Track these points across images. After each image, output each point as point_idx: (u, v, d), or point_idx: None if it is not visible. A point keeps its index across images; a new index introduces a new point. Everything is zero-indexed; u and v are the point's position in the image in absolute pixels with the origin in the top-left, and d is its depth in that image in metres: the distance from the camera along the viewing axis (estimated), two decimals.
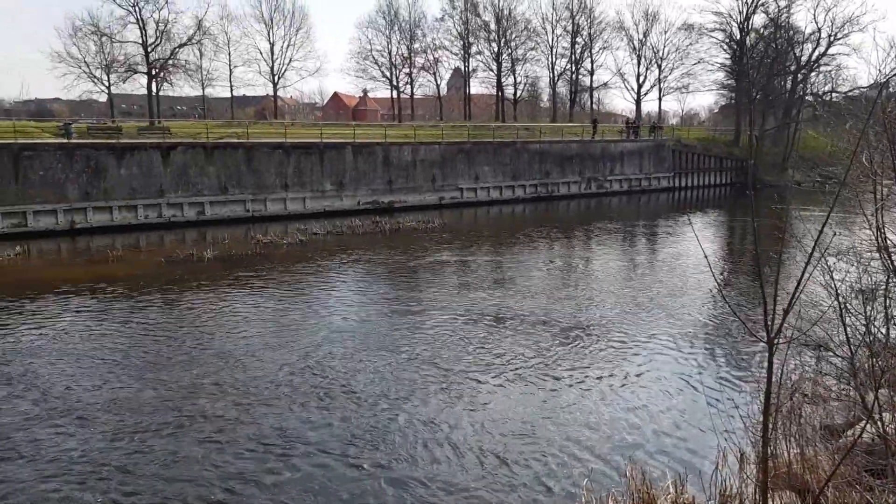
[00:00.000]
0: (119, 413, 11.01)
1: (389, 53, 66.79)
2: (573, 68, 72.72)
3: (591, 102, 78.79)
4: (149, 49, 49.37)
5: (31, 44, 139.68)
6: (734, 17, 59.89)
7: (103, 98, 56.81)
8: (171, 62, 51.38)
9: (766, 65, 60.02)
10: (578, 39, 70.81)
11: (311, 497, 8.54)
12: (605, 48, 72.43)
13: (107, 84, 51.17)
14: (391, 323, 16.52)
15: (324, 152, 38.56)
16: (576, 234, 32.69)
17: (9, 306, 17.91)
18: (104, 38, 49.48)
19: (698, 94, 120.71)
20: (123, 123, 42.42)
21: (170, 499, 8.48)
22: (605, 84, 75.95)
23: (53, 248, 28.00)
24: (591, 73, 73.32)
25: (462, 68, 72.45)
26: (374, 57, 66.93)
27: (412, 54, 67.53)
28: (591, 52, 71.78)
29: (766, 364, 5.64)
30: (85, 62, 49.52)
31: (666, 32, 71.81)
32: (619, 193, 51.93)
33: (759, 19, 60.55)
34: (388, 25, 65.93)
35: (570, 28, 70.23)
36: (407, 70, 68.37)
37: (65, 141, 33.02)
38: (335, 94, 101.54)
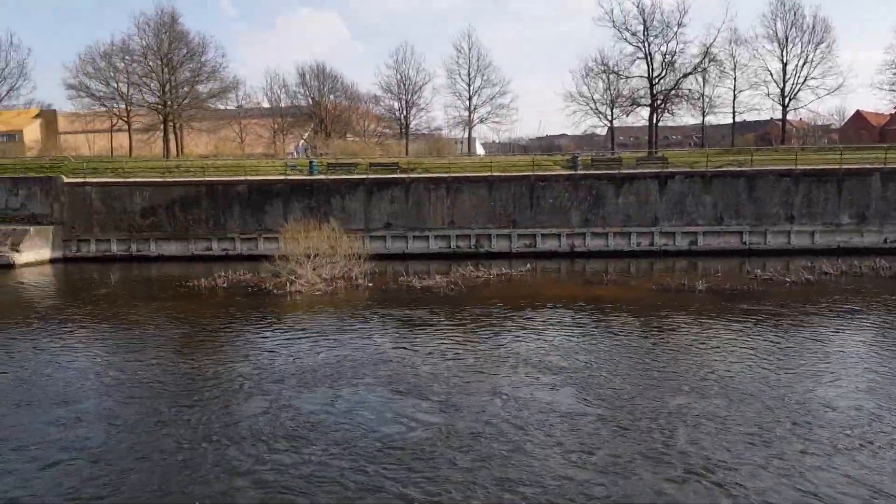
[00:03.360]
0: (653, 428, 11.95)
1: None
2: None
3: None
4: (653, 82, 53.08)
5: (549, 87, 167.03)
6: None
7: (603, 131, 63.75)
8: (673, 92, 54.06)
9: None
10: None
11: None
12: None
13: (609, 118, 57.25)
14: None
15: (842, 180, 34.32)
16: None
17: (525, 313, 21.56)
18: (612, 76, 55.56)
19: None
20: (622, 154, 46.57)
21: None
22: None
23: (555, 268, 32.50)
24: None
25: None
26: None
27: None
28: None
29: None
30: (593, 99, 56.63)
31: None
32: None
33: None
34: None
35: None
36: None
37: (571, 172, 38.14)
38: (857, 113, 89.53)
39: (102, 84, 56.34)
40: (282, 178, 37.92)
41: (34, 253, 35.11)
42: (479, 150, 76.92)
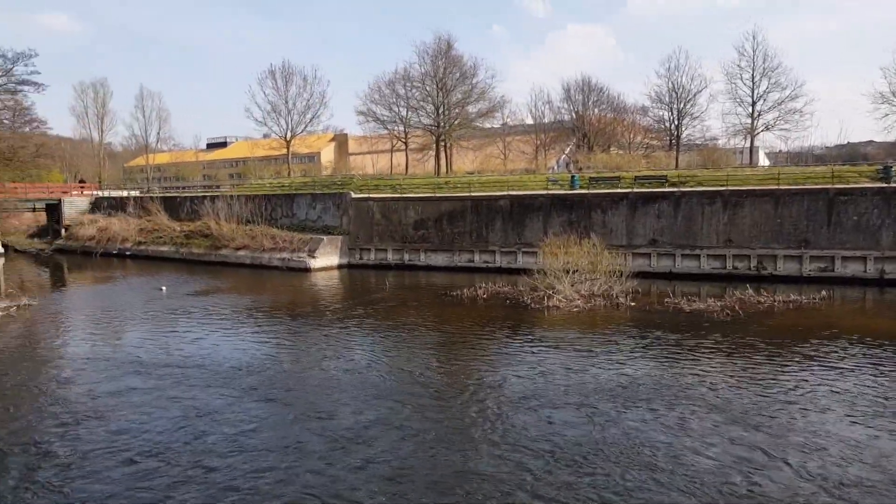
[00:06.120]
0: None
1: None
2: None
3: None
4: None
5: (852, 88, 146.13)
6: None
7: None
8: None
9: None
10: None
11: None
12: None
13: None
14: None
15: None
16: None
17: (822, 347, 18.73)
18: None
19: None
20: None
21: None
22: None
23: (858, 297, 27.88)
24: None
25: None
26: None
27: None
28: None
29: None
30: None
31: None
32: None
33: None
34: None
35: None
36: None
37: (883, 185, 32.51)
38: None
39: (386, 109, 62.98)
40: (542, 192, 38.37)
41: (326, 259, 40.24)
42: (763, 161, 69.96)
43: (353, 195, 42.68)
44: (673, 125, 60.58)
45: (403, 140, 64.06)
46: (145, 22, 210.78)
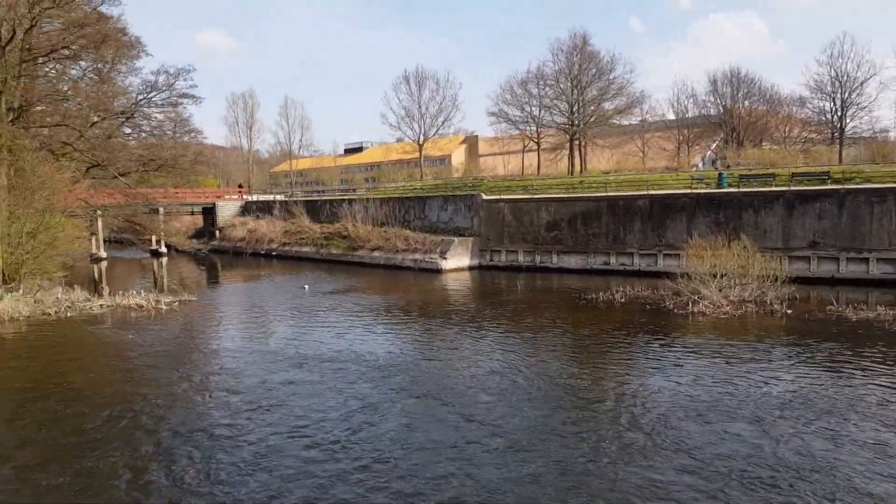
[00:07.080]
0: None
1: None
2: None
3: None
4: None
5: None
6: None
7: None
8: None
9: None
10: None
11: None
12: None
13: None
14: None
15: None
16: None
17: None
18: None
19: None
20: None
21: None
22: None
23: None
24: None
25: None
26: None
27: None
28: None
29: None
30: None
31: None
32: None
33: None
34: None
35: None
36: None
37: None
38: None
39: (518, 109, 62.84)
40: (685, 191, 36.50)
41: (456, 260, 40.69)
42: None
43: (484, 197, 42.85)
44: (836, 117, 55.69)
45: (535, 140, 63.56)
46: (292, 35, 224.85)
